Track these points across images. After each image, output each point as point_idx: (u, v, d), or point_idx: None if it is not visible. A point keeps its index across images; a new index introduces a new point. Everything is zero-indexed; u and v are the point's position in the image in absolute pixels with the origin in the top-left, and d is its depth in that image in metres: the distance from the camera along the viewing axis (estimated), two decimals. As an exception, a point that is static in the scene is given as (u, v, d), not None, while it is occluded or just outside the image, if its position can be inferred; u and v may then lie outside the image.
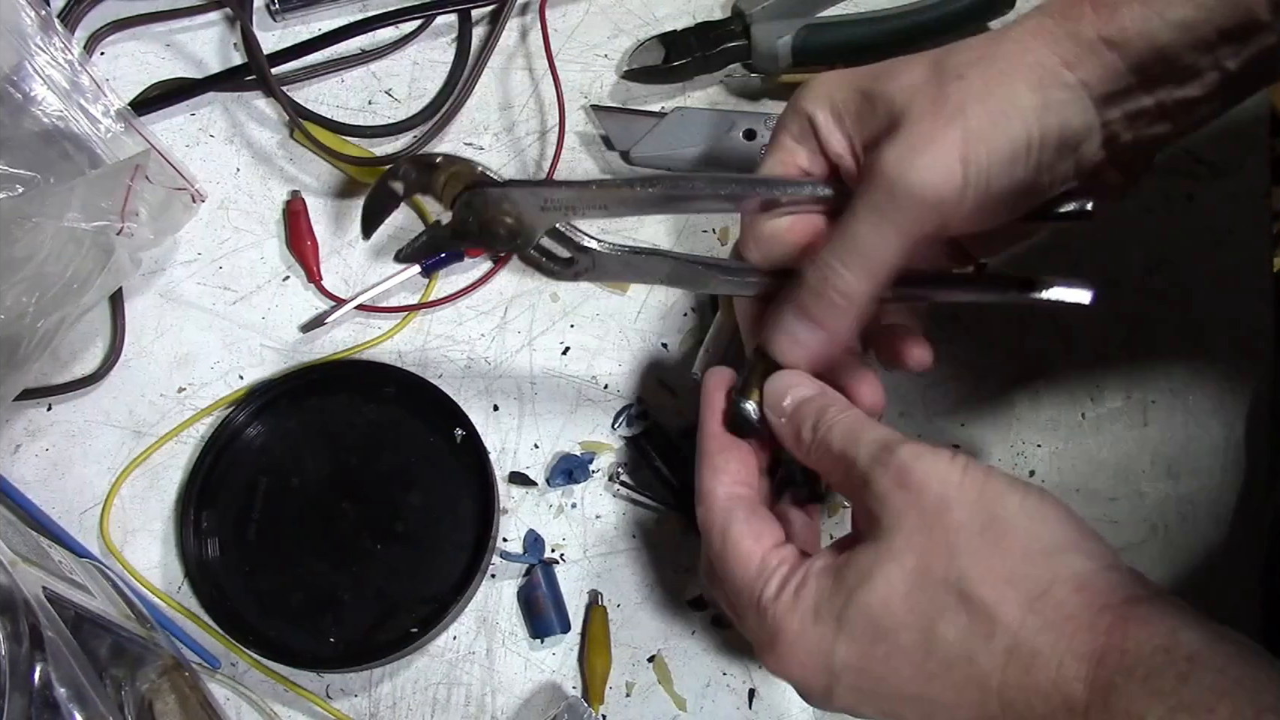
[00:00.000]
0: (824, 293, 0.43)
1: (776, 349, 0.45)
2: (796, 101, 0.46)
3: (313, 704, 0.59)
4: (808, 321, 0.44)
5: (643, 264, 0.47)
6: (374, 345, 0.64)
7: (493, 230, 0.45)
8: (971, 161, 0.40)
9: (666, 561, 0.61)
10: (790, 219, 0.46)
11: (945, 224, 0.41)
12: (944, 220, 0.41)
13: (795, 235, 0.46)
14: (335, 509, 0.60)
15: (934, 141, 0.40)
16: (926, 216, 0.41)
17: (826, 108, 0.44)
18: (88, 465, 0.62)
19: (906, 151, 0.40)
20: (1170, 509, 0.62)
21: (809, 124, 0.45)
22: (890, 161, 0.40)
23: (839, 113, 0.44)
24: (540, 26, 0.68)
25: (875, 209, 0.41)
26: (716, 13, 0.70)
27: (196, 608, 0.60)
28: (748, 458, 0.46)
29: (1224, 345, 0.64)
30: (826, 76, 0.45)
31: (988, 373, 0.64)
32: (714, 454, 0.46)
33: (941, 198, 0.40)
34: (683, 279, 0.48)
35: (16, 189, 0.55)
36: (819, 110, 0.45)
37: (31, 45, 0.59)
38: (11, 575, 0.45)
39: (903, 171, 0.40)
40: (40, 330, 0.55)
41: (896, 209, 0.41)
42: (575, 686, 0.60)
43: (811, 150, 0.46)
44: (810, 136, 0.45)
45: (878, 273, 0.42)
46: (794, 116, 0.46)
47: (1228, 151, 0.67)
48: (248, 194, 0.67)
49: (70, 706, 0.43)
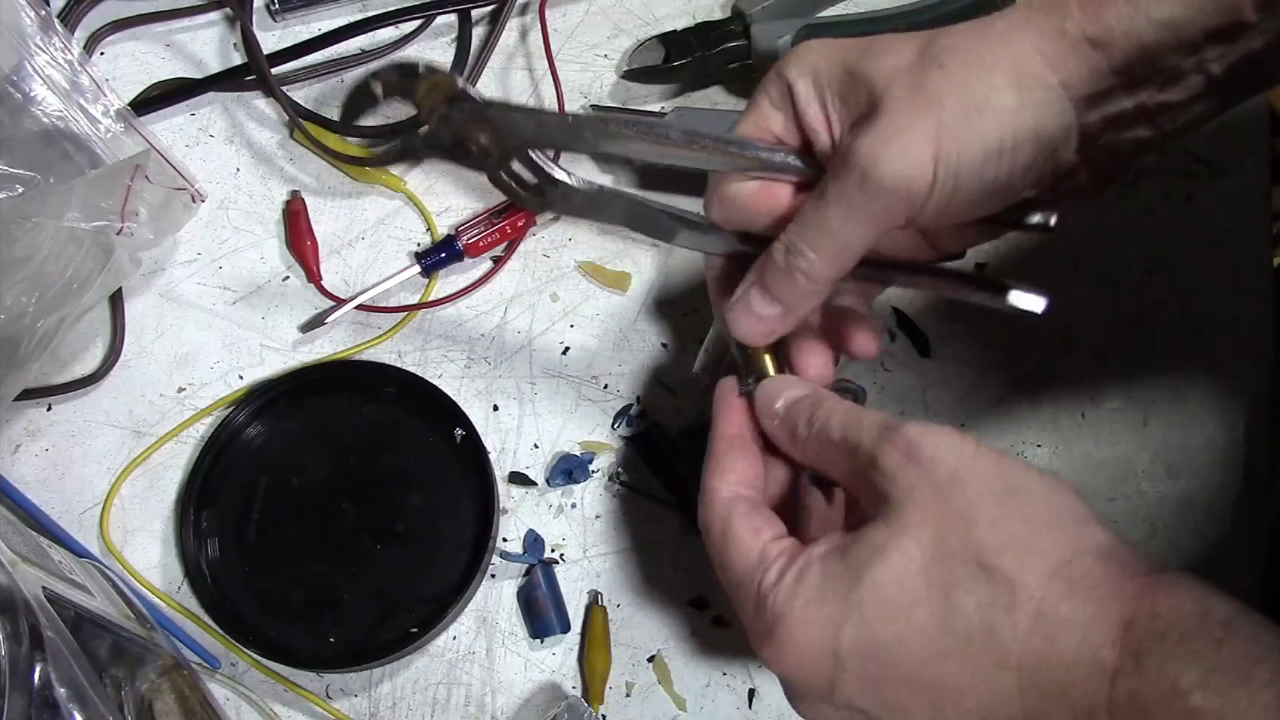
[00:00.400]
0: (789, 272, 0.43)
1: (737, 322, 0.45)
2: (780, 66, 0.45)
3: (313, 704, 0.59)
4: (769, 298, 0.44)
5: (608, 202, 0.47)
6: (374, 345, 0.64)
7: (465, 146, 0.45)
8: (942, 159, 0.40)
9: (666, 561, 0.61)
10: (757, 184, 0.45)
11: (913, 217, 0.41)
12: (912, 213, 0.41)
13: (759, 201, 0.45)
14: (335, 509, 0.60)
15: (907, 134, 0.40)
16: (895, 209, 0.41)
17: (809, 78, 0.43)
18: (88, 465, 0.62)
19: (880, 141, 0.40)
20: (1170, 509, 0.62)
21: (788, 91, 0.44)
22: (864, 149, 0.40)
23: (820, 85, 0.43)
24: (540, 26, 0.68)
25: (845, 196, 0.41)
26: (716, 13, 0.70)
27: (196, 608, 0.60)
28: (754, 461, 0.46)
29: (1224, 345, 0.64)
30: (814, 44, 0.44)
31: (988, 373, 0.64)
32: (721, 455, 0.46)
33: (911, 192, 0.40)
34: (645, 224, 0.47)
35: (16, 189, 0.55)
36: (800, 79, 0.44)
37: (31, 45, 0.59)
38: (11, 575, 0.45)
39: (875, 162, 0.40)
40: (40, 330, 0.55)
41: (866, 198, 0.40)
42: (575, 686, 0.60)
43: (788, 118, 0.45)
44: (788, 103, 0.44)
45: (843, 257, 0.42)
46: (775, 81, 0.45)
47: (1228, 151, 0.67)
48: (248, 194, 0.67)
49: (70, 706, 0.43)
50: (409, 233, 0.66)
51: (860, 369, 0.64)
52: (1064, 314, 0.64)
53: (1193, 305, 0.65)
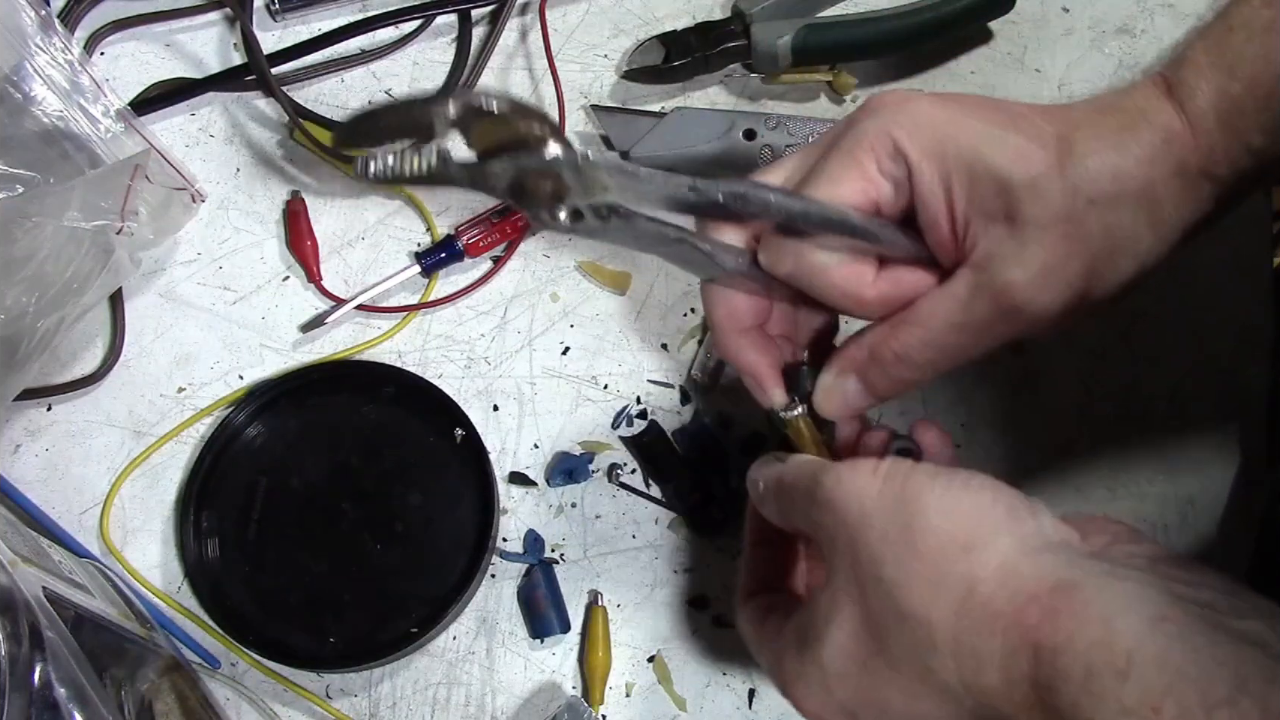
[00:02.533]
0: (891, 370, 0.42)
1: (827, 405, 0.45)
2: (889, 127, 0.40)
3: (313, 704, 0.59)
4: (865, 389, 0.44)
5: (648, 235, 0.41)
6: (374, 345, 0.64)
7: (533, 192, 0.37)
8: (1087, 299, 0.40)
9: (666, 561, 0.61)
10: (843, 257, 0.42)
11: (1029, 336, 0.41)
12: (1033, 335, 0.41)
13: (844, 279, 0.42)
14: (335, 509, 0.60)
15: (1064, 278, 0.39)
16: (1017, 331, 0.40)
17: (934, 159, 0.39)
18: (88, 465, 0.62)
19: (1039, 281, 0.39)
20: (1170, 509, 0.62)
21: (905, 164, 0.40)
22: (1020, 287, 0.39)
23: (947, 169, 0.39)
24: (540, 26, 0.68)
25: (988, 326, 0.40)
26: (716, 13, 0.70)
27: (196, 608, 0.60)
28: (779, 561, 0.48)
29: (1224, 345, 0.64)
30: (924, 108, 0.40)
31: (988, 373, 0.64)
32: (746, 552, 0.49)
33: (1042, 321, 0.40)
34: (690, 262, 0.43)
35: (16, 189, 0.55)
36: (925, 159, 0.39)
37: (31, 45, 0.59)
38: (11, 575, 0.45)
39: (1029, 300, 0.39)
40: (40, 330, 0.55)
41: (1010, 329, 0.40)
42: (575, 686, 0.60)
43: (899, 192, 0.41)
44: (904, 178, 0.40)
45: (952, 368, 0.42)
46: (885, 146, 0.40)
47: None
48: (248, 194, 0.67)
49: (70, 706, 0.43)
50: (409, 233, 0.66)
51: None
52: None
53: (1193, 305, 0.65)
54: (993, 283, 0.39)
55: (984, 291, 0.40)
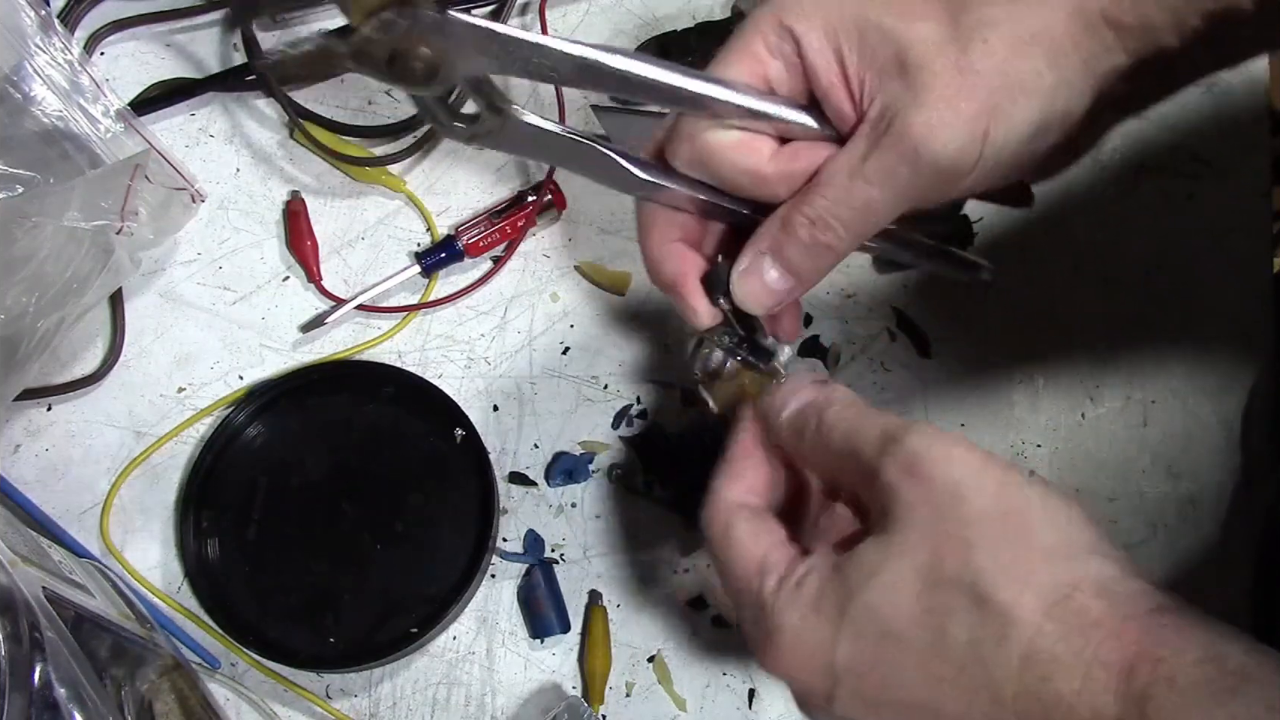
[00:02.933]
0: (812, 246, 0.41)
1: (746, 292, 0.43)
2: (777, 10, 0.41)
3: (313, 704, 0.59)
4: (785, 271, 0.42)
5: (551, 142, 0.42)
6: (374, 345, 0.64)
7: (407, 62, 0.38)
8: (990, 139, 0.39)
9: (666, 561, 0.61)
10: (739, 135, 0.42)
11: (946, 194, 0.40)
12: (951, 192, 0.40)
13: (740, 155, 0.42)
14: (335, 509, 0.60)
15: (960, 114, 0.38)
16: (940, 188, 0.39)
17: (820, 29, 0.40)
18: (87, 465, 0.62)
19: (933, 118, 0.38)
20: (1170, 509, 0.62)
21: (792, 39, 0.41)
22: (916, 126, 0.38)
23: (835, 38, 0.40)
24: (540, 26, 0.68)
25: (891, 172, 0.39)
26: (716, 13, 0.70)
27: (196, 608, 0.60)
28: (764, 470, 0.45)
29: (1224, 345, 0.64)
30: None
31: (988, 373, 0.64)
32: (733, 461, 0.45)
33: (959, 172, 0.39)
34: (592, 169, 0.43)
35: (16, 189, 0.55)
36: (812, 30, 0.40)
37: (31, 45, 0.59)
38: (11, 575, 0.45)
39: (928, 140, 0.38)
40: (40, 330, 0.55)
41: (915, 176, 0.39)
42: (575, 686, 0.60)
43: (791, 68, 0.41)
44: (792, 53, 0.41)
45: (870, 232, 0.41)
46: (771, 25, 0.41)
47: (1228, 151, 0.67)
48: (248, 194, 0.67)
49: (70, 706, 0.43)
50: (409, 233, 0.66)
51: (861, 368, 0.64)
52: (1064, 314, 0.64)
53: (1193, 305, 0.65)
54: (890, 129, 0.39)
55: (882, 140, 0.39)
